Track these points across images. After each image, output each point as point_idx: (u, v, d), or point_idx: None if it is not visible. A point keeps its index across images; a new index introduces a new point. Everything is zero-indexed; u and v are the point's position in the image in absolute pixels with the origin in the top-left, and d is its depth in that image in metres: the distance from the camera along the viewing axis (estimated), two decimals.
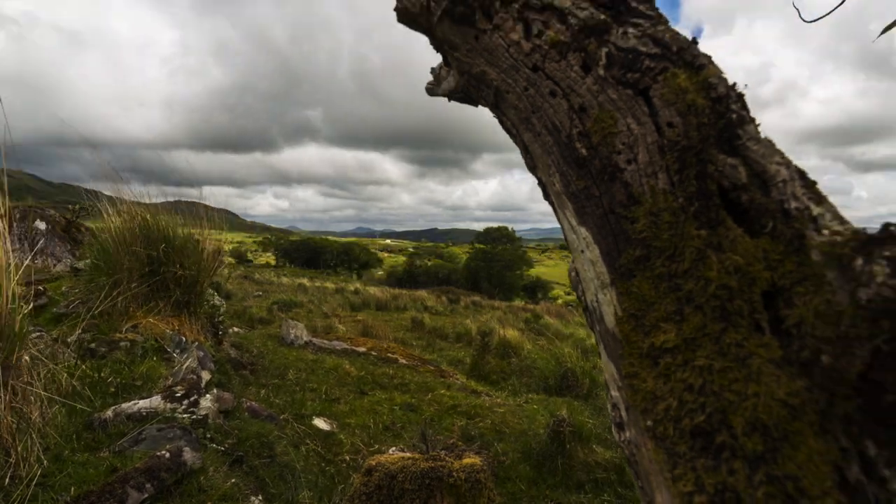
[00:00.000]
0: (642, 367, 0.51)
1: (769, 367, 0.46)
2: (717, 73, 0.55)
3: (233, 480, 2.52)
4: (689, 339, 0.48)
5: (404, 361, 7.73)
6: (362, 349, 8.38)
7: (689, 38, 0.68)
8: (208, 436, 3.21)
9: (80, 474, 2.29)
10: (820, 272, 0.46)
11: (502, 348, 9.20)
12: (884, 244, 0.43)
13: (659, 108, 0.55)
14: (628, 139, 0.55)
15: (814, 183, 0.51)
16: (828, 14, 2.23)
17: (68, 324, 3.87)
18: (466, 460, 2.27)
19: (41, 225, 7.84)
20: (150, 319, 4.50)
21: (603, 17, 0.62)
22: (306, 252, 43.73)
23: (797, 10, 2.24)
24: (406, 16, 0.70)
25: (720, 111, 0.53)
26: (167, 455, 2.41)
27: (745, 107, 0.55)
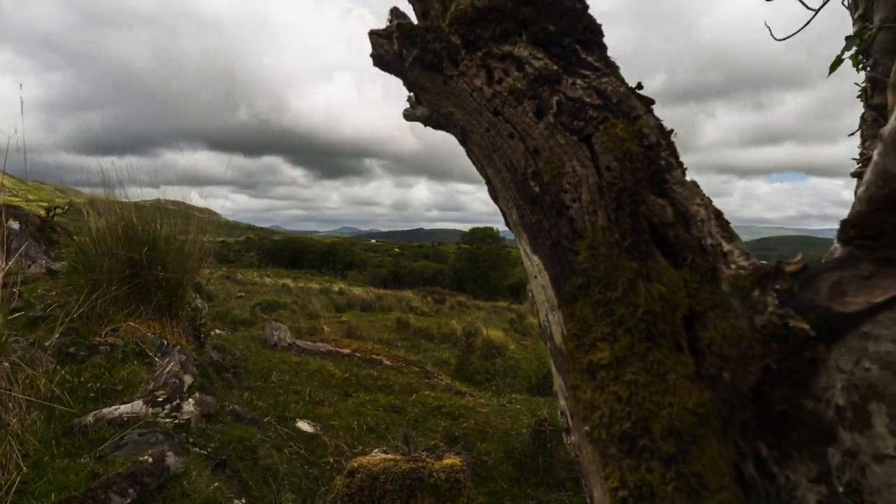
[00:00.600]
0: (583, 380, 0.59)
1: (684, 381, 0.54)
2: (650, 123, 0.64)
3: (216, 484, 2.55)
4: (620, 357, 0.57)
5: (389, 363, 7.76)
6: (347, 351, 8.38)
7: (634, 84, 0.76)
8: (191, 440, 3.22)
9: (60, 480, 2.29)
10: (727, 300, 0.55)
11: (487, 349, 9.30)
12: (776, 278, 0.52)
13: (600, 153, 0.63)
14: (574, 180, 0.64)
15: (727, 223, 0.60)
16: (797, 32, 2.38)
17: (45, 327, 3.82)
18: (447, 461, 2.35)
19: (14, 224, 7.66)
20: (131, 323, 4.46)
21: (556, 67, 0.70)
22: (290, 252, 43.30)
23: (769, 28, 2.39)
24: (380, 61, 0.77)
25: (651, 158, 0.62)
26: (150, 460, 2.43)
27: (673, 153, 0.64)
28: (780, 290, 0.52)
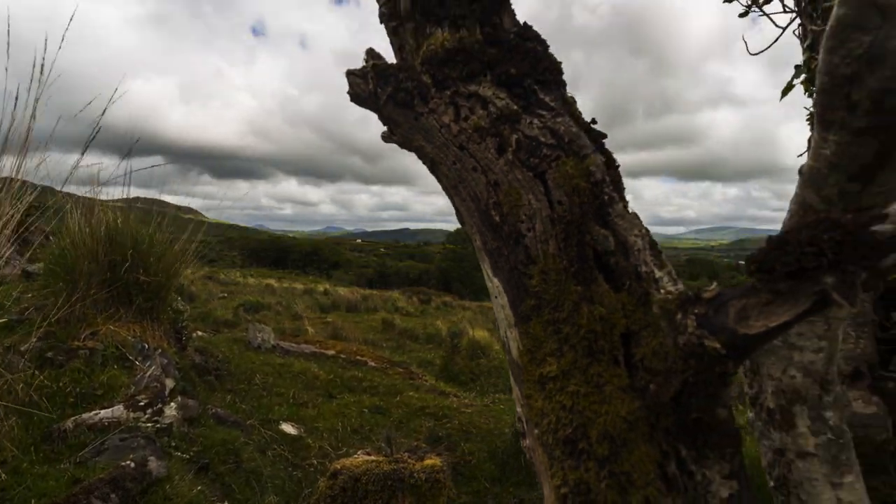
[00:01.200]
0: (534, 390, 0.67)
1: (618, 392, 0.63)
2: (597, 161, 0.72)
3: (199, 488, 2.58)
4: (565, 371, 0.65)
5: (373, 364, 7.78)
6: (331, 352, 8.37)
7: (590, 118, 0.85)
8: (173, 444, 3.22)
9: (40, 487, 2.29)
10: (657, 321, 0.63)
11: (472, 349, 9.39)
12: (695, 303, 0.60)
13: (552, 188, 0.71)
14: (529, 212, 0.71)
15: (660, 252, 0.68)
16: (769, 47, 2.51)
17: (22, 331, 3.77)
18: (427, 461, 2.43)
19: None
20: (111, 326, 4.42)
21: (516, 107, 0.78)
22: (274, 252, 42.76)
23: (745, 42, 2.53)
24: (357, 98, 0.84)
25: (597, 193, 0.70)
26: (132, 465, 2.44)
27: (616, 188, 0.72)
28: (698, 314, 0.61)
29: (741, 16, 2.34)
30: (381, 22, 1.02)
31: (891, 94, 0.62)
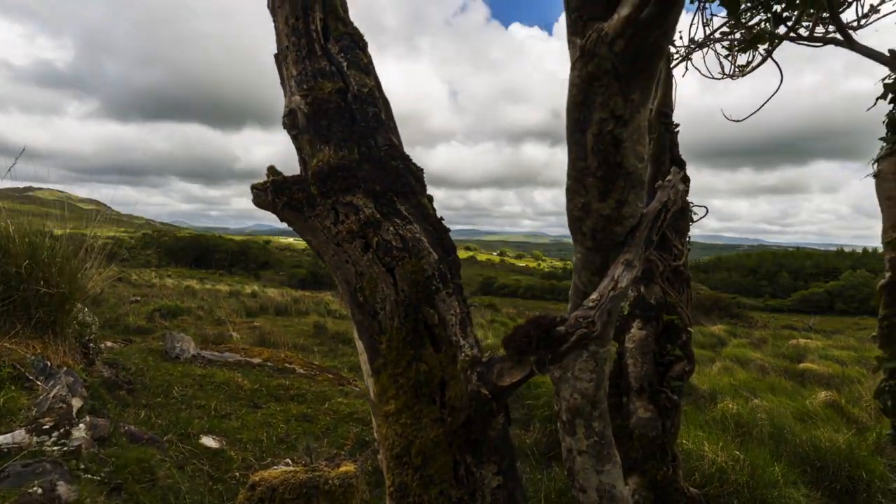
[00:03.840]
0: (381, 421, 0.99)
1: (431, 422, 0.96)
2: (430, 260, 1.06)
3: None
4: (399, 408, 0.97)
5: (302, 371, 7.78)
6: (257, 360, 8.24)
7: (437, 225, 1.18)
8: (82, 466, 3.19)
9: None
10: (459, 374, 0.98)
11: None
12: (479, 364, 0.95)
13: (398, 280, 1.03)
14: (382, 296, 1.03)
15: (466, 325, 1.03)
16: (752, 115, 2.73)
17: None
18: (342, 468, 2.68)
19: None
20: (6, 344, 4.17)
21: (378, 216, 1.10)
22: (195, 250, 39.95)
23: (725, 115, 2.79)
24: (260, 205, 1.11)
25: (428, 284, 1.04)
26: (39, 490, 2.45)
27: (442, 279, 1.06)
28: (479, 371, 0.96)
29: None
30: (285, 129, 1.29)
31: (598, 232, 1.02)
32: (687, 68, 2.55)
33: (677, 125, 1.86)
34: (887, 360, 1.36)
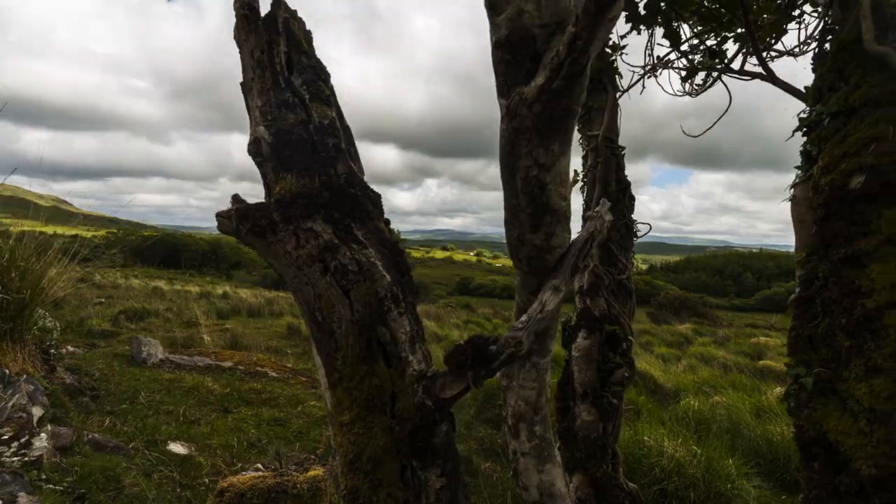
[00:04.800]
0: (337, 431, 1.09)
1: (381, 431, 1.07)
2: (384, 283, 1.16)
3: None
4: (353, 419, 1.07)
5: (275, 374, 7.73)
6: (228, 364, 8.13)
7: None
8: (44, 477, 3.15)
9: None
10: (408, 388, 1.08)
11: None
12: (424, 378, 1.06)
13: (354, 301, 1.14)
14: (339, 316, 1.13)
15: (415, 342, 1.14)
16: (709, 129, 2.91)
17: None
18: (311, 472, 2.75)
19: None
20: None
21: (336, 241, 1.20)
22: (164, 250, 38.69)
23: (683, 131, 2.97)
24: (225, 231, 1.19)
25: (381, 305, 1.14)
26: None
27: (395, 300, 1.17)
28: (424, 385, 1.07)
29: None
30: (250, 155, 1.37)
31: (533, 259, 1.15)
32: (644, 86, 2.73)
33: (623, 148, 2.02)
34: (793, 367, 1.54)
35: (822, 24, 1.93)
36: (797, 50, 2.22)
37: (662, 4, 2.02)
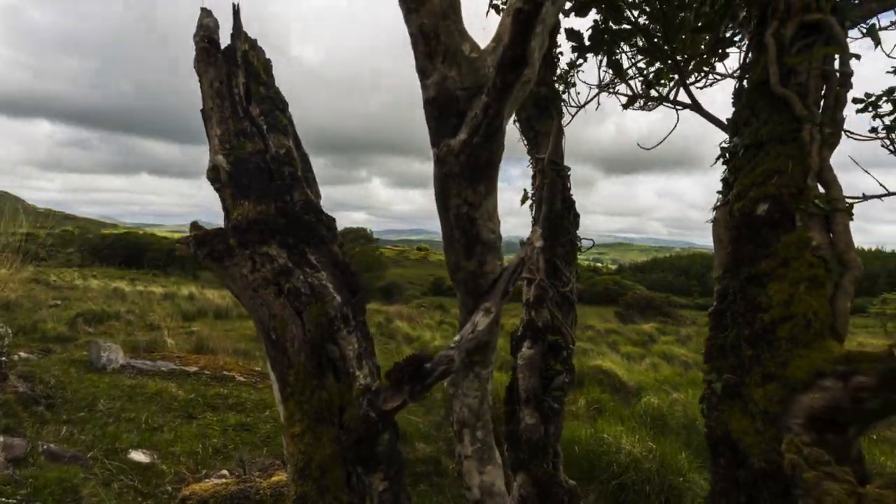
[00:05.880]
0: (289, 441, 1.19)
1: (329, 441, 1.18)
2: (334, 304, 1.27)
3: None
4: (304, 430, 1.18)
5: (242, 378, 7.63)
6: (194, 368, 7.98)
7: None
8: None
9: None
10: (355, 401, 1.20)
11: None
12: (369, 392, 1.18)
13: (306, 321, 1.24)
14: (292, 335, 1.23)
15: (363, 358, 1.26)
16: (662, 141, 3.06)
17: None
18: (274, 478, 2.81)
19: None
20: None
21: (290, 265, 1.30)
22: (125, 249, 37.09)
23: (640, 146, 3.12)
24: (184, 254, 1.27)
25: (331, 325, 1.25)
26: None
27: (344, 320, 1.28)
28: (368, 398, 1.19)
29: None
30: (209, 181, 1.45)
31: (469, 283, 1.28)
32: (599, 102, 2.91)
33: (568, 169, 2.19)
34: (707, 373, 1.74)
35: (742, 61, 2.15)
36: (722, 85, 2.44)
37: (606, 36, 2.19)
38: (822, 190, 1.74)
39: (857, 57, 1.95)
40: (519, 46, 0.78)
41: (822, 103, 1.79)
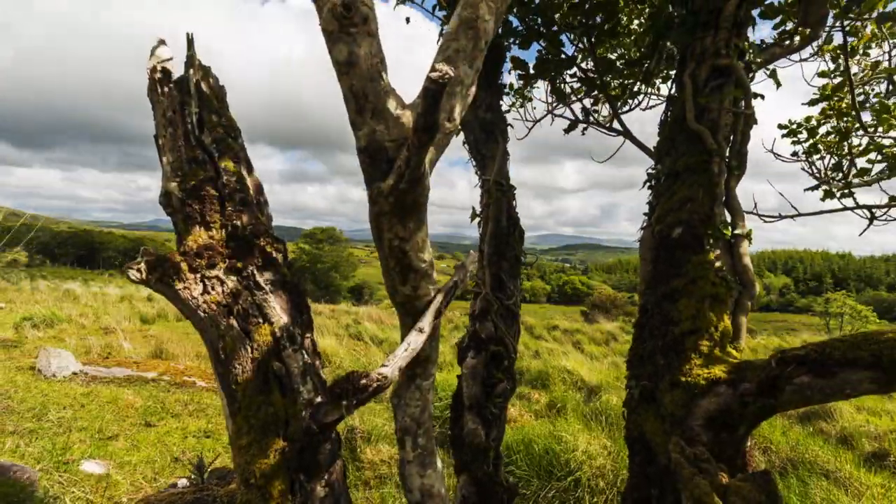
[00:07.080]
0: (237, 452, 1.29)
1: (274, 452, 1.29)
2: (280, 324, 1.38)
3: None
4: (251, 442, 1.28)
5: (203, 384, 7.49)
6: (152, 374, 7.79)
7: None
8: None
9: None
10: (299, 412, 1.31)
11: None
12: (312, 406, 1.29)
13: (255, 340, 1.34)
14: (240, 354, 1.33)
15: (307, 374, 1.36)
16: (613, 155, 3.29)
17: None
18: (232, 485, 2.85)
19: None
20: None
21: (240, 287, 1.39)
22: (78, 247, 35.24)
23: (592, 157, 3.32)
24: (135, 281, 1.34)
25: (276, 344, 1.36)
26: None
27: (291, 338, 1.39)
28: (311, 411, 1.30)
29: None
30: (161, 206, 1.52)
31: (406, 304, 1.41)
32: (553, 121, 3.11)
33: (514, 188, 2.36)
34: (628, 381, 1.94)
35: (668, 93, 2.38)
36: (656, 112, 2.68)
37: (548, 66, 2.37)
38: (728, 217, 1.98)
39: (762, 97, 2.21)
40: (430, 116, 0.91)
41: (731, 138, 2.03)
